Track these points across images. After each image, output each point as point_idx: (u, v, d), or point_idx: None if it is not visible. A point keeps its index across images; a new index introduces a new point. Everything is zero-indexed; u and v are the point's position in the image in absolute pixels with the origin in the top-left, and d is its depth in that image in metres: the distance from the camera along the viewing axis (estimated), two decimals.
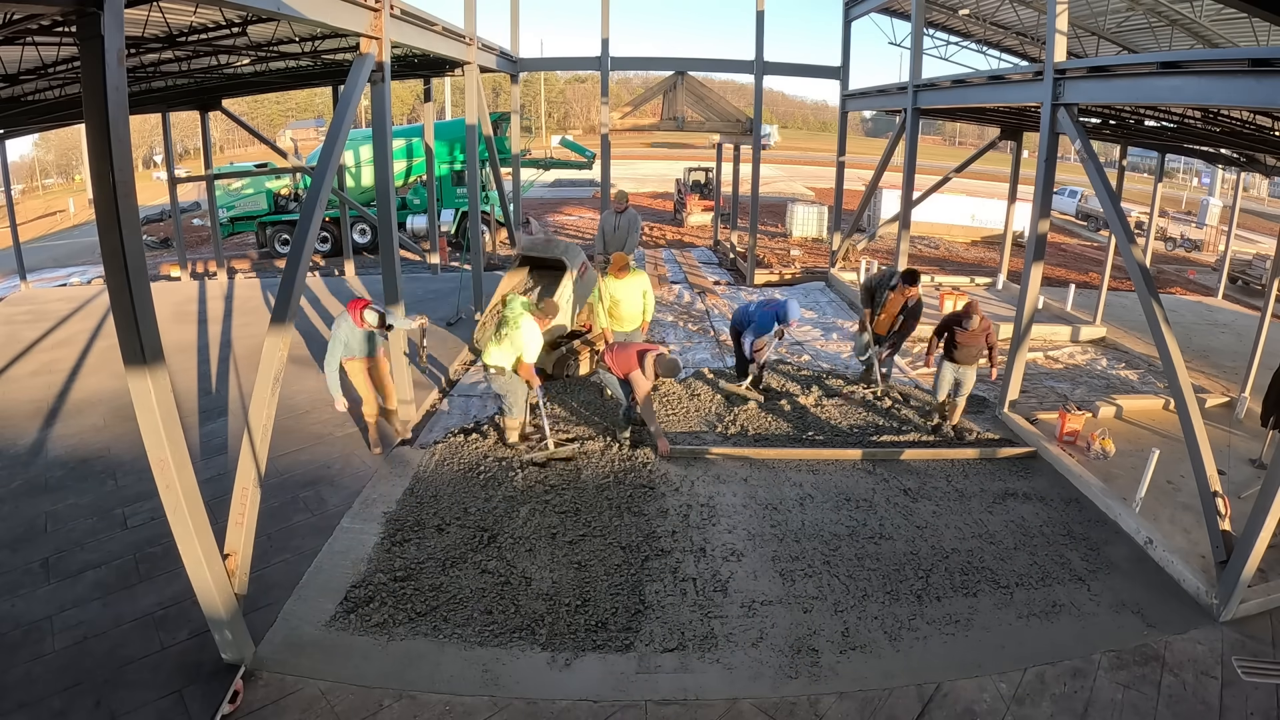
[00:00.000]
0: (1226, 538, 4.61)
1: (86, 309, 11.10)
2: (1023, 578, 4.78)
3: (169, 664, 3.84)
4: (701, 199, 22.79)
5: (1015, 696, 3.81)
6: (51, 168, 48.08)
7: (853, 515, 5.47)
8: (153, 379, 3.26)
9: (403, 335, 6.58)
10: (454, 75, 11.86)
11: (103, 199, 3.03)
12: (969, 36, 12.94)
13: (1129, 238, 5.57)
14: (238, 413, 6.99)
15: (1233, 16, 8.48)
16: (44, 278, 15.93)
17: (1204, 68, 4.71)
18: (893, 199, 18.49)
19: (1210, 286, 15.93)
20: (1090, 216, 27.67)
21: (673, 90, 13.06)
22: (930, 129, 70.58)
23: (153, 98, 10.63)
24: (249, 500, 4.07)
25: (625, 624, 4.26)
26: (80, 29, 2.94)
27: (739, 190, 16.23)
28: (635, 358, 6.26)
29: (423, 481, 5.82)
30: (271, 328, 4.43)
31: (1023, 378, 7.45)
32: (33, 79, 6.72)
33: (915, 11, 10.39)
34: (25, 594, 4.39)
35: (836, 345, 9.65)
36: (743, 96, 41.47)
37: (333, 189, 6.74)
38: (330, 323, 10.17)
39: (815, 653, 4.09)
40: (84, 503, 5.44)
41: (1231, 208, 13.11)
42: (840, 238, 13.43)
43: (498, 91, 50.98)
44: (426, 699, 3.71)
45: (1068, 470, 6.17)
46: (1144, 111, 7.62)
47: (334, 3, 5.17)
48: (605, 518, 5.34)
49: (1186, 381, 5.10)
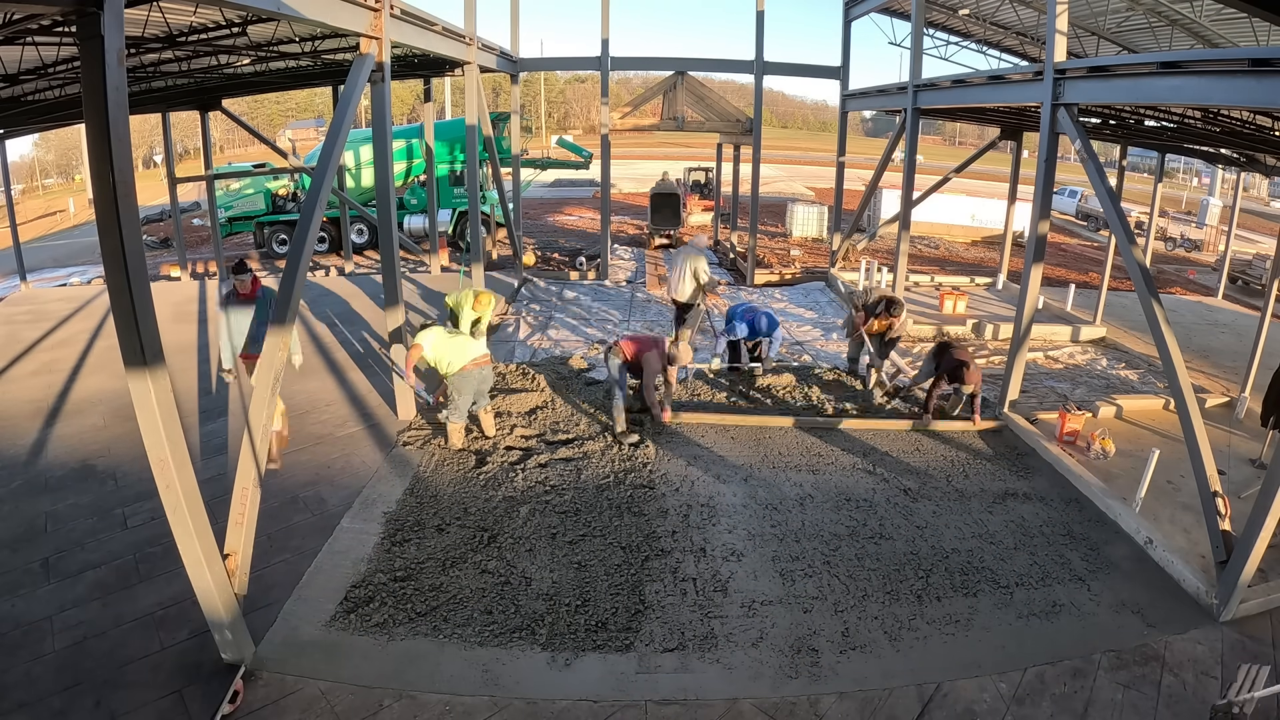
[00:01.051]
0: (1226, 538, 4.61)
1: (86, 309, 11.10)
2: (1023, 578, 4.78)
3: (169, 664, 3.83)
4: (701, 199, 22.77)
5: (1015, 696, 3.81)
6: (51, 168, 48.06)
7: (853, 515, 5.47)
8: (153, 379, 3.26)
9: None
10: (454, 75, 11.87)
11: (103, 199, 3.03)
12: (969, 36, 12.95)
13: (1129, 238, 5.57)
14: (238, 413, 6.99)
15: (1233, 16, 8.48)
16: (44, 278, 15.92)
17: (1204, 68, 4.71)
18: (893, 199, 18.49)
19: (1210, 286, 15.93)
20: (1090, 216, 27.67)
21: (673, 90, 13.07)
22: (930, 129, 70.62)
23: (153, 98, 10.64)
24: (249, 500, 4.06)
25: (625, 624, 4.26)
26: (80, 29, 2.94)
27: (739, 190, 16.22)
28: (652, 342, 6.69)
29: (423, 481, 5.82)
30: (271, 328, 4.43)
31: (1023, 378, 7.45)
32: (33, 79, 6.72)
33: (915, 11, 10.39)
34: (25, 594, 4.39)
35: (837, 345, 9.65)
36: (743, 96, 41.43)
37: (332, 189, 6.74)
38: (331, 324, 10.18)
39: (815, 653, 4.09)
40: (84, 503, 5.44)
41: (1231, 208, 13.12)
42: (840, 238, 13.43)
43: (498, 91, 51.00)
44: (426, 699, 3.71)
45: (1068, 470, 6.17)
46: (1144, 111, 7.63)
47: (334, 3, 5.17)
48: (605, 518, 5.34)
49: (1186, 381, 5.10)
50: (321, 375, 8.09)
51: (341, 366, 8.38)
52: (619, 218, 22.56)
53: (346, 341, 9.31)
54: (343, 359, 8.64)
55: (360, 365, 8.43)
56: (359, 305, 11.09)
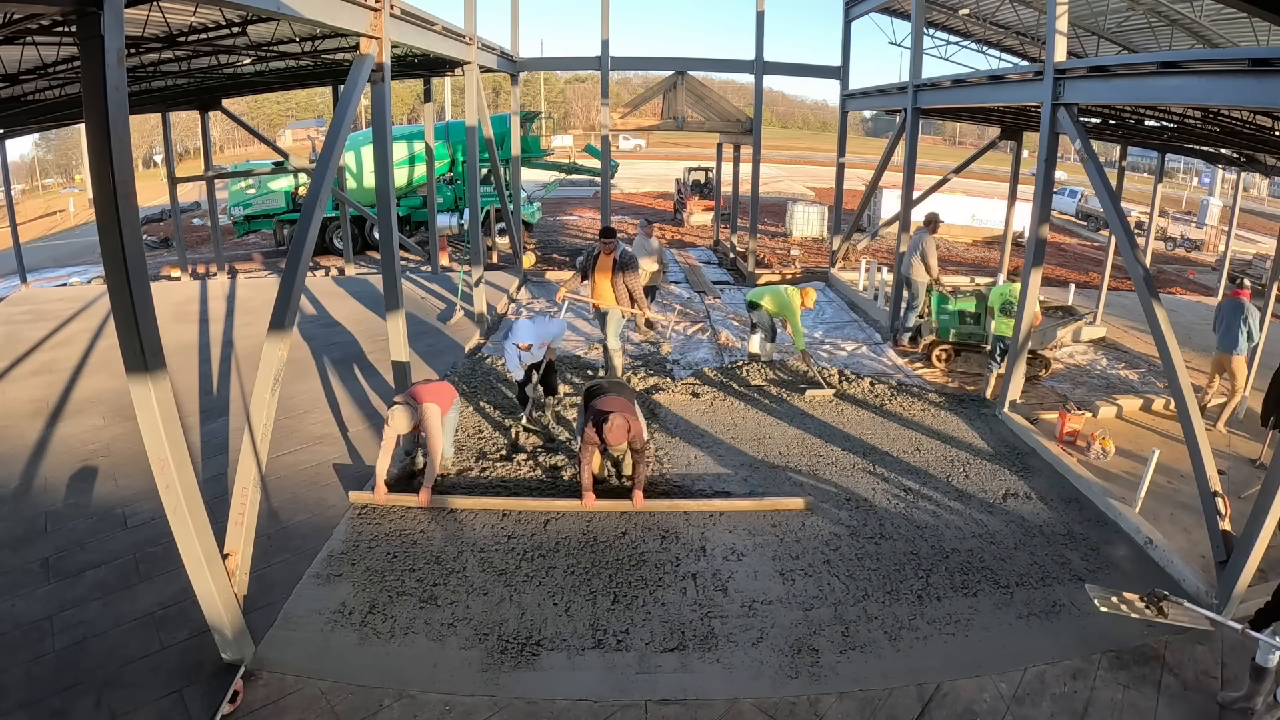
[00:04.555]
0: (1226, 538, 4.61)
1: (87, 309, 11.10)
2: (1023, 578, 4.78)
3: (169, 664, 3.83)
4: (702, 199, 22.77)
5: (1015, 696, 3.81)
6: (52, 168, 48.07)
7: (853, 515, 5.47)
8: (153, 379, 3.26)
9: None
10: (454, 75, 11.87)
11: (103, 199, 3.03)
12: (969, 36, 12.95)
13: (1129, 238, 5.57)
14: (238, 413, 6.99)
15: (1233, 16, 8.48)
16: (44, 278, 15.93)
17: (1204, 68, 4.71)
18: (893, 199, 18.46)
19: (1210, 286, 15.93)
20: (1090, 216, 27.66)
21: (673, 90, 13.06)
22: (930, 129, 70.61)
23: (153, 98, 10.64)
24: (249, 500, 4.07)
25: (625, 624, 4.26)
26: (80, 29, 2.93)
27: (739, 190, 16.22)
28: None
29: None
30: (272, 328, 4.43)
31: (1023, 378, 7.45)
32: (33, 79, 6.73)
33: (915, 11, 10.38)
34: (25, 594, 4.39)
35: (846, 347, 9.65)
36: (743, 96, 41.45)
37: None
38: (338, 324, 10.18)
39: (815, 653, 4.09)
40: (84, 503, 5.44)
41: (1231, 208, 13.11)
42: (840, 239, 13.43)
43: (498, 91, 51.01)
44: (426, 699, 3.71)
45: (1068, 470, 6.17)
46: (1144, 111, 7.63)
47: (334, 3, 5.17)
48: (606, 516, 5.34)
49: (1186, 381, 5.10)
50: (324, 374, 8.09)
51: (343, 366, 8.38)
52: (619, 217, 22.55)
53: (348, 340, 9.32)
54: (344, 358, 8.64)
55: (361, 365, 8.44)
56: (360, 305, 11.09)
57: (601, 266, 7.64)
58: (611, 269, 7.58)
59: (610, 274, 7.59)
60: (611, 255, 7.60)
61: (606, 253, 7.63)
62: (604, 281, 7.65)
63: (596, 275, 7.69)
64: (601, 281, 7.66)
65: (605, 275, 7.62)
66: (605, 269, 7.62)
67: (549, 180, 24.39)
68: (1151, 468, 5.49)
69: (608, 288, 7.63)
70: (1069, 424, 6.64)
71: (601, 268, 7.64)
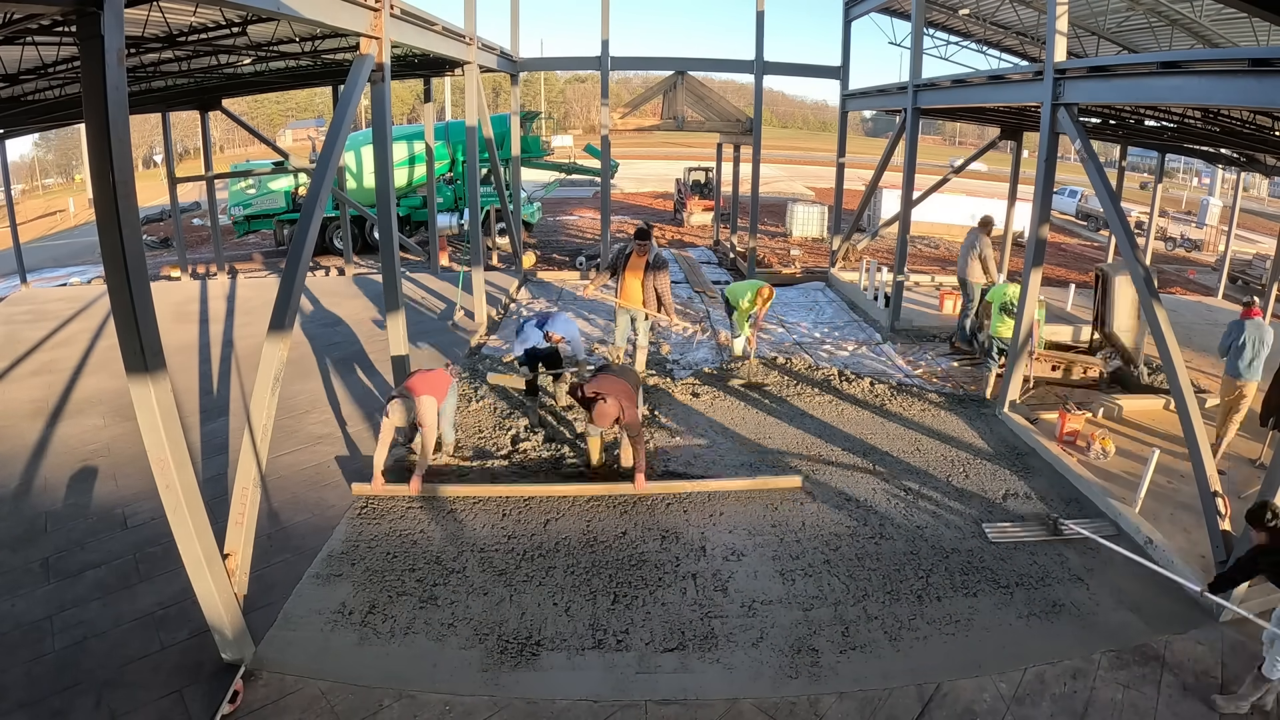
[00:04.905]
0: (1226, 538, 4.61)
1: (87, 309, 11.10)
2: (1023, 578, 4.78)
3: (169, 664, 3.83)
4: (701, 199, 22.78)
5: (1015, 696, 3.81)
6: (51, 167, 48.06)
7: (853, 515, 5.47)
8: (153, 379, 3.26)
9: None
10: (454, 75, 11.86)
11: (103, 199, 3.03)
12: (969, 36, 12.96)
13: (1129, 238, 5.57)
14: (238, 413, 6.99)
15: (1233, 16, 8.48)
16: (44, 278, 15.93)
17: (1204, 68, 4.71)
18: (893, 199, 18.46)
19: (1210, 286, 15.93)
20: (1090, 216, 27.67)
21: (673, 90, 13.06)
22: (930, 129, 70.61)
23: (153, 98, 10.65)
24: (249, 500, 4.07)
25: (625, 624, 4.27)
26: (80, 29, 2.94)
27: (739, 190, 16.22)
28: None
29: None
30: (271, 328, 4.43)
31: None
32: (33, 79, 6.73)
33: (915, 11, 10.38)
34: (25, 594, 4.39)
35: (847, 347, 9.65)
36: (743, 96, 41.42)
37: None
38: (335, 324, 10.18)
39: (815, 653, 4.09)
40: (84, 503, 5.44)
41: (1231, 208, 13.12)
42: (840, 239, 13.43)
43: (498, 91, 50.99)
44: (426, 699, 3.71)
45: (1068, 470, 6.17)
46: (1144, 111, 7.63)
47: (334, 3, 5.17)
48: (606, 516, 5.34)
49: (1186, 381, 5.10)
50: (324, 374, 8.09)
51: (343, 365, 8.38)
52: (619, 217, 22.57)
53: (349, 340, 9.32)
54: (344, 357, 8.64)
55: (361, 364, 8.44)
56: (360, 304, 11.09)
57: (633, 266, 7.63)
58: (644, 270, 7.58)
59: (641, 275, 7.59)
60: (645, 257, 7.59)
61: (640, 254, 7.61)
62: (634, 281, 7.65)
63: (627, 274, 7.68)
64: (632, 281, 7.66)
65: (636, 275, 7.63)
66: (637, 269, 7.62)
67: (549, 180, 24.40)
68: (1151, 468, 5.49)
69: (637, 288, 7.64)
70: (1069, 424, 6.64)
71: (633, 267, 7.63)
